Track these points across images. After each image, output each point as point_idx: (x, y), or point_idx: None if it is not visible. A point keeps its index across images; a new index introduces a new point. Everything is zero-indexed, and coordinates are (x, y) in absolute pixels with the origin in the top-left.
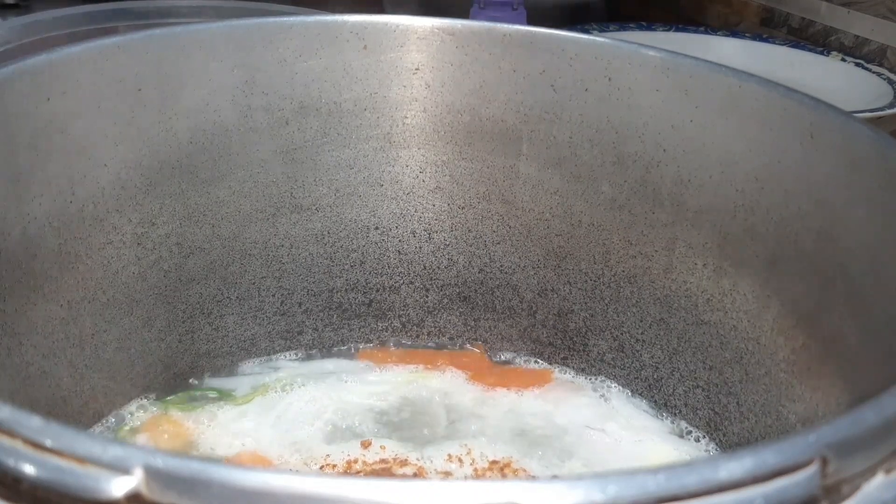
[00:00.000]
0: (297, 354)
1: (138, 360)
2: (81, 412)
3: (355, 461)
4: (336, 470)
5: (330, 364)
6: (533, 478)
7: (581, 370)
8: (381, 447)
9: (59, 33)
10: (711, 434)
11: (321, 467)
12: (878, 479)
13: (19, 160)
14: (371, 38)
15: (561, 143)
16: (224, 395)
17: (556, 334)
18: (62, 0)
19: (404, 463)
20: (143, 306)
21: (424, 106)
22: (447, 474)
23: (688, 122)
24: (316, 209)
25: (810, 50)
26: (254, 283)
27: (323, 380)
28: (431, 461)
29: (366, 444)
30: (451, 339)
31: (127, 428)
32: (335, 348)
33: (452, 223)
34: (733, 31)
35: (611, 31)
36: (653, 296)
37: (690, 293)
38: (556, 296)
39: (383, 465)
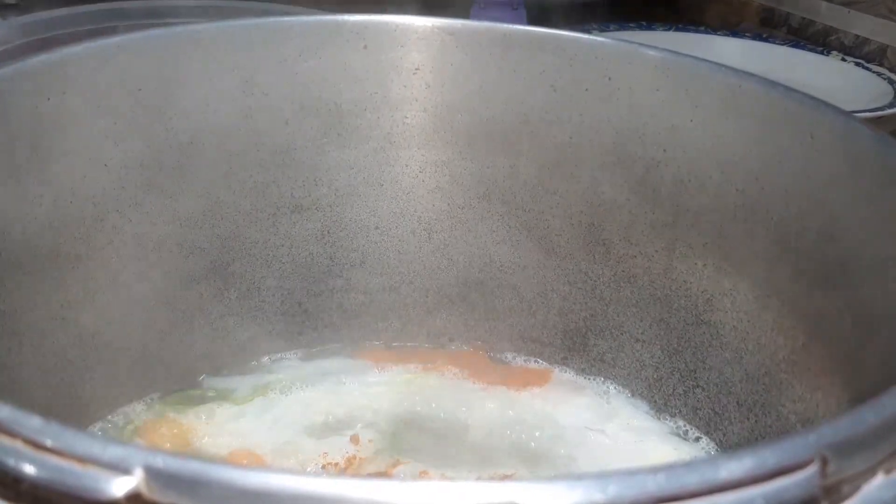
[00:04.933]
0: (296, 354)
1: (138, 361)
2: (81, 412)
3: (347, 466)
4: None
5: (329, 364)
6: (533, 478)
7: (581, 370)
8: (375, 452)
9: (59, 33)
10: (711, 434)
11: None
12: (879, 480)
13: (19, 160)
14: (371, 38)
15: (561, 143)
16: (223, 396)
17: (556, 334)
18: (62, 0)
19: (397, 463)
20: (143, 306)
21: (424, 106)
22: (444, 475)
23: (688, 122)
24: (316, 209)
25: (810, 50)
26: (254, 284)
27: (322, 380)
28: (427, 464)
29: (356, 449)
30: (450, 339)
31: (127, 428)
32: (335, 348)
33: (452, 223)
34: (733, 31)
35: (611, 31)
36: (653, 296)
37: (690, 293)
38: (556, 296)
39: (376, 470)
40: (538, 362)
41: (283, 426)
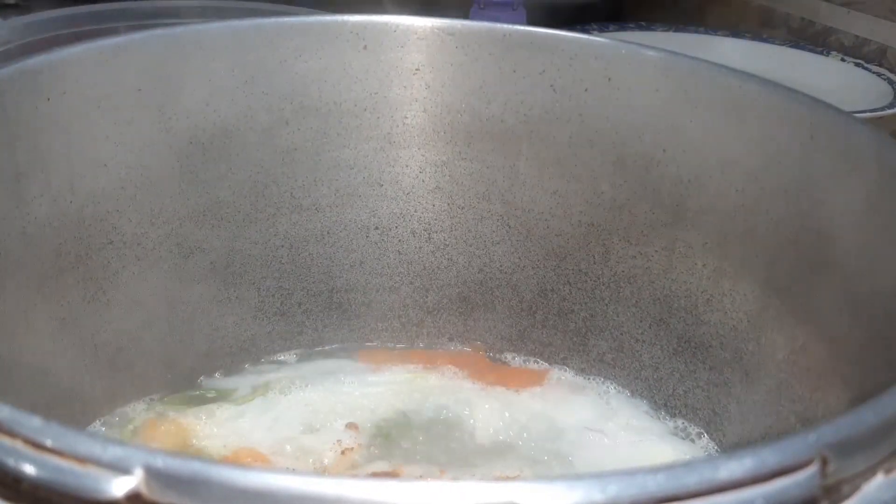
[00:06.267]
0: (296, 355)
1: (138, 361)
2: (81, 412)
3: (347, 455)
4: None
5: (329, 364)
6: (532, 478)
7: (581, 370)
8: (374, 452)
9: (59, 33)
10: (711, 434)
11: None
12: (878, 480)
13: (19, 160)
14: (371, 38)
15: (561, 143)
16: (223, 396)
17: (556, 334)
18: (62, 0)
19: (397, 464)
20: (143, 307)
21: (424, 106)
22: (444, 475)
23: (688, 122)
24: (316, 209)
25: (810, 50)
26: (254, 284)
27: (322, 380)
28: (426, 464)
29: (355, 436)
30: (450, 339)
31: (127, 428)
32: (335, 349)
33: (452, 223)
34: (733, 31)
35: (611, 31)
36: (653, 296)
37: (690, 293)
38: (555, 296)
39: (377, 471)
40: (538, 362)
41: (284, 425)
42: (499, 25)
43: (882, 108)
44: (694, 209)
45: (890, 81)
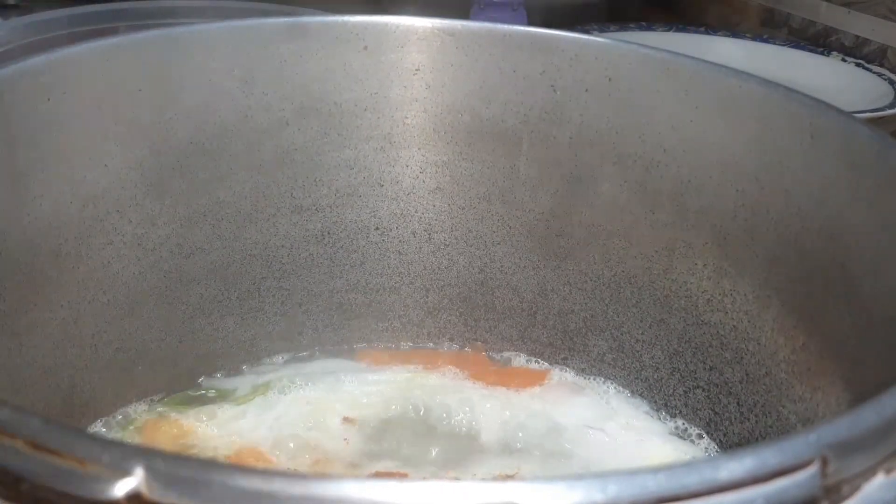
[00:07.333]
0: (296, 355)
1: (138, 361)
2: (81, 412)
3: (353, 464)
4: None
5: (330, 364)
6: (532, 478)
7: (581, 370)
8: (373, 451)
9: (59, 33)
10: (711, 434)
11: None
12: (879, 480)
13: (19, 160)
14: (371, 39)
15: (561, 143)
16: (224, 396)
17: (556, 334)
18: (62, 0)
19: (400, 470)
20: (143, 307)
21: (425, 106)
22: (444, 475)
23: (688, 122)
24: (316, 209)
25: (810, 50)
26: (254, 284)
27: (322, 380)
28: (426, 464)
29: (353, 429)
30: (451, 339)
31: (128, 428)
32: (335, 349)
33: (453, 223)
34: (733, 31)
35: (611, 31)
36: (653, 296)
37: (690, 293)
38: (556, 296)
39: (377, 470)
40: (538, 362)
41: (285, 425)
42: (499, 26)
43: (882, 108)
44: (694, 209)
45: (890, 81)
